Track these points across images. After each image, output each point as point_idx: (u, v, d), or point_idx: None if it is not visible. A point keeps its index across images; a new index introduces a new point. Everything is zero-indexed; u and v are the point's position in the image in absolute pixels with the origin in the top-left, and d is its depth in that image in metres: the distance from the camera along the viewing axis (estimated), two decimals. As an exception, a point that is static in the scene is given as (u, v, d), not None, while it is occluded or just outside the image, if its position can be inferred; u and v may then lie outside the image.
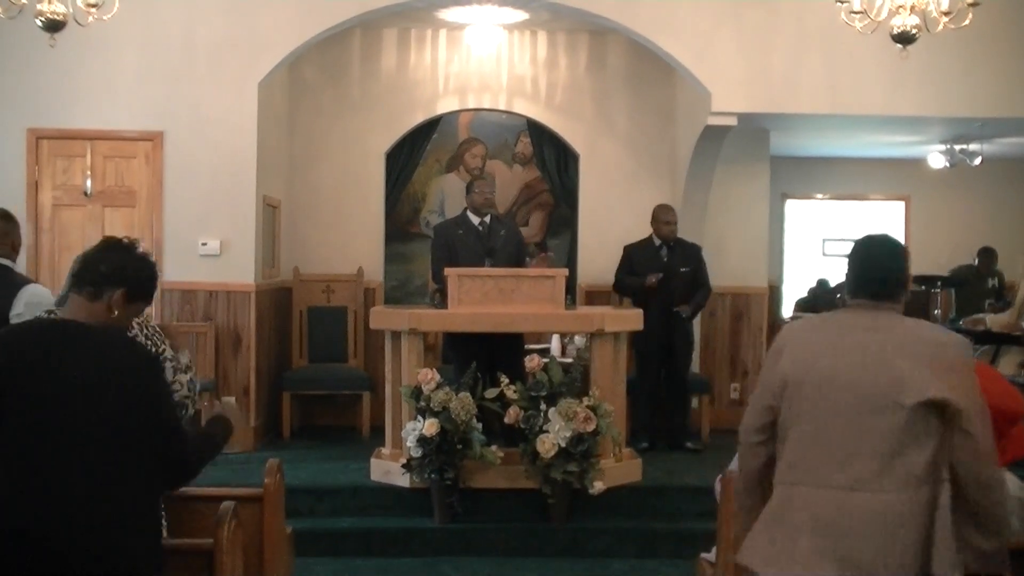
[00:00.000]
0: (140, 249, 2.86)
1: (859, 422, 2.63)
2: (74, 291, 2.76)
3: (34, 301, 4.36)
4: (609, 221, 8.21)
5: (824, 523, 2.61)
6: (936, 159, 10.11)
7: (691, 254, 7.19)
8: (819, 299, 10.23)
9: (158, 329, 3.32)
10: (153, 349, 3.21)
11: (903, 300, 2.82)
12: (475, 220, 6.54)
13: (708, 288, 7.26)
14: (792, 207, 11.40)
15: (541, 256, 6.51)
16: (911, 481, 2.59)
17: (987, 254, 9.37)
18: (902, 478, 2.59)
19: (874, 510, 2.58)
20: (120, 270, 2.76)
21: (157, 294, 6.86)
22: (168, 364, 3.25)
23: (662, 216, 7.17)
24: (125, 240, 2.86)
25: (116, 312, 2.75)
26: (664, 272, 7.01)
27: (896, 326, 2.74)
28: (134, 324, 3.22)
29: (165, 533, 3.14)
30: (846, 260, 2.91)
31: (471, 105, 8.44)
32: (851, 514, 2.60)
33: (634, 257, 7.18)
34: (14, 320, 4.05)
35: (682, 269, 7.08)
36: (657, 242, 7.16)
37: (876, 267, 2.82)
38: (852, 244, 2.92)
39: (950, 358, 2.66)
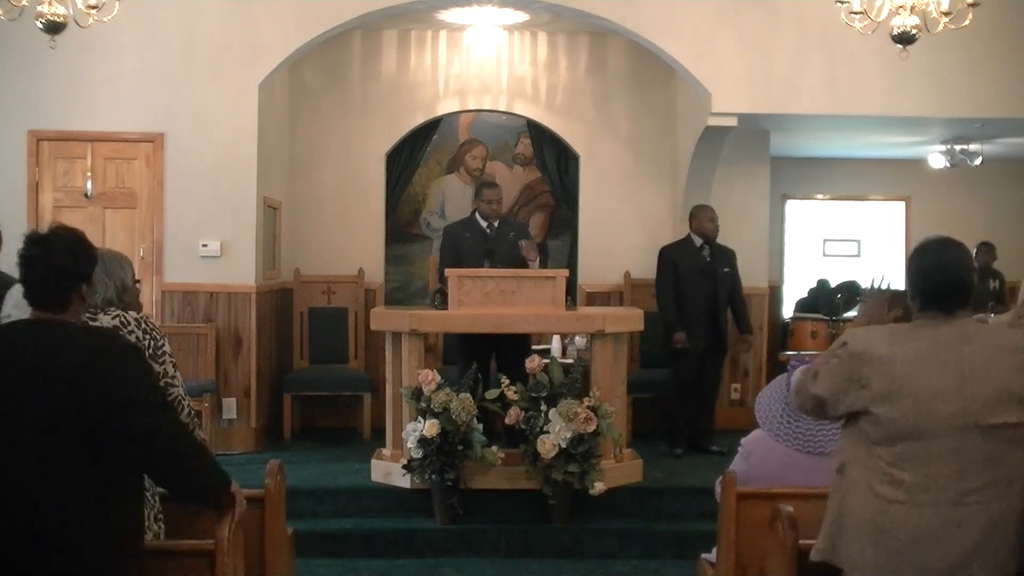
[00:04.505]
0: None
1: (965, 437, 2.61)
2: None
3: (23, 302, 4.34)
4: (610, 222, 8.21)
5: (931, 540, 2.60)
6: (936, 159, 10.10)
7: (729, 256, 7.19)
8: (819, 299, 10.22)
9: (155, 325, 3.34)
10: (151, 343, 3.22)
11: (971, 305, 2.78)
12: (483, 223, 6.54)
13: (742, 293, 7.28)
14: (792, 208, 11.39)
15: (526, 243, 6.39)
16: (1016, 484, 2.64)
17: (987, 249, 9.31)
18: (1006, 483, 2.63)
19: (984, 521, 2.60)
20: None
21: (158, 295, 6.91)
22: (168, 359, 3.27)
23: (708, 215, 7.11)
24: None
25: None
26: (708, 273, 7.01)
27: (980, 335, 2.71)
28: (131, 320, 3.23)
29: (152, 535, 3.13)
30: (908, 266, 2.79)
31: (471, 106, 8.44)
32: (959, 529, 2.60)
33: (677, 259, 7.06)
34: (3, 321, 4.05)
35: (725, 270, 7.09)
36: (697, 242, 7.10)
37: (950, 278, 2.73)
38: (913, 253, 2.81)
39: None
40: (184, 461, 2.68)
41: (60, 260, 2.62)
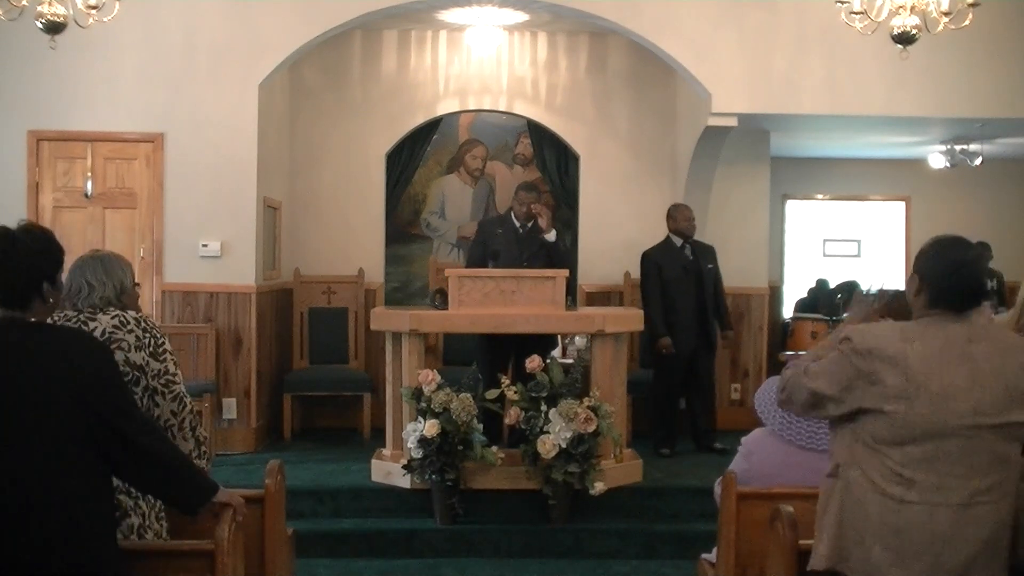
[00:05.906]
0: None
1: (976, 436, 2.60)
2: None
3: None
4: (610, 222, 8.22)
5: (945, 540, 2.59)
6: (936, 159, 10.11)
7: (710, 253, 7.19)
8: (819, 299, 10.24)
9: (155, 324, 3.34)
10: (152, 341, 3.23)
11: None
12: (517, 223, 6.56)
13: (723, 290, 7.27)
14: (793, 207, 11.40)
15: (539, 209, 6.44)
16: (1016, 482, 2.65)
17: (983, 249, 9.29)
18: (1012, 482, 2.64)
19: (994, 520, 2.61)
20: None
21: (158, 295, 6.90)
22: (169, 357, 3.27)
23: (684, 214, 7.11)
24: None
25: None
26: (693, 272, 7.01)
27: (987, 334, 2.70)
28: (130, 319, 3.23)
29: (154, 534, 3.16)
30: (922, 263, 2.74)
31: (471, 106, 8.44)
32: (970, 528, 2.59)
33: (661, 262, 7.03)
34: None
35: (708, 266, 7.09)
36: (678, 242, 7.10)
37: (968, 279, 2.70)
38: (929, 249, 2.76)
39: None
40: (162, 464, 2.74)
41: (26, 259, 2.59)
